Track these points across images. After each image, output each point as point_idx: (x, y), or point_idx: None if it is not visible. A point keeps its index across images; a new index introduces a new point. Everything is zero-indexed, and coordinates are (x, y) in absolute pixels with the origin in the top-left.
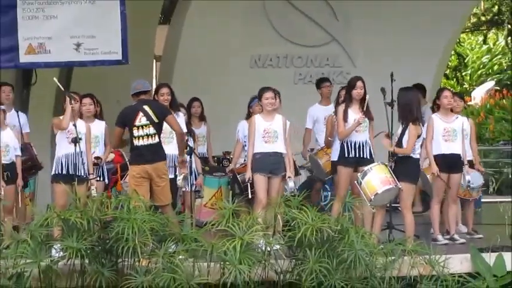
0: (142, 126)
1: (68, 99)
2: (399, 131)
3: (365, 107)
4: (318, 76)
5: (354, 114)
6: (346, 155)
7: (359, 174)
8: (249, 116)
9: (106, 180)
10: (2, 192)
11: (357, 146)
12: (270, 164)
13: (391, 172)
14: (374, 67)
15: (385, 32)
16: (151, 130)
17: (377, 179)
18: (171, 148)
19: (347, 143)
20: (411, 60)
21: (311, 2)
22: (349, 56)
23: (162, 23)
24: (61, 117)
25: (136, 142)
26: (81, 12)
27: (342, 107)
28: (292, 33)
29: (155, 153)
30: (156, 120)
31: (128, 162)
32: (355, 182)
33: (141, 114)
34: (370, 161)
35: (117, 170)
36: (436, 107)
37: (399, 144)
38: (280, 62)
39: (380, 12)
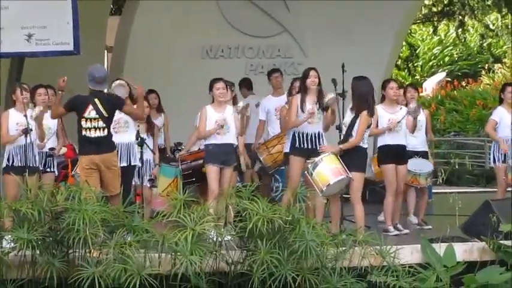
0: (91, 119)
1: (18, 90)
2: (347, 119)
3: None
4: (270, 67)
5: (309, 104)
6: (298, 146)
7: (309, 165)
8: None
9: (56, 172)
10: None
11: (309, 137)
12: (221, 154)
13: (342, 162)
14: (325, 58)
15: (336, 22)
16: (100, 123)
17: (328, 169)
18: (125, 137)
19: (299, 134)
20: (362, 51)
21: None
22: (301, 47)
23: (114, 14)
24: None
25: (84, 132)
26: (32, 3)
27: (297, 98)
28: (243, 24)
29: (103, 145)
30: (105, 115)
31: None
32: (306, 172)
33: (90, 107)
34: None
35: (67, 164)
36: (381, 98)
37: (348, 134)
38: (232, 52)
39: (331, 3)
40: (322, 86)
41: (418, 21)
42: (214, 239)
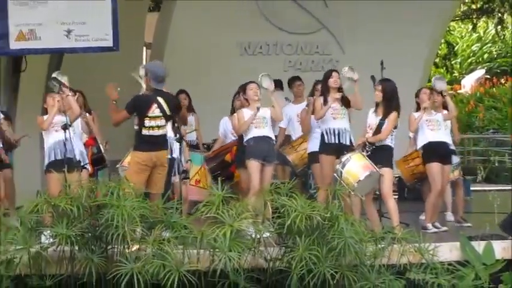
0: (154, 117)
1: (49, 98)
2: (371, 120)
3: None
4: (308, 64)
5: (331, 101)
6: (327, 141)
7: (338, 165)
8: (232, 111)
9: (89, 168)
10: None
11: (336, 132)
12: (262, 150)
13: (369, 159)
14: (363, 55)
15: (375, 19)
16: (162, 122)
17: (357, 166)
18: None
19: (326, 131)
20: (401, 47)
21: None
22: (339, 44)
23: (153, 11)
24: (44, 117)
25: (145, 131)
26: None
27: (319, 98)
28: (282, 21)
29: (162, 142)
30: (168, 113)
31: (103, 153)
32: (335, 174)
33: (155, 105)
34: (350, 147)
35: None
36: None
37: (377, 133)
38: (270, 49)
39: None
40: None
41: (457, 18)
42: (253, 235)
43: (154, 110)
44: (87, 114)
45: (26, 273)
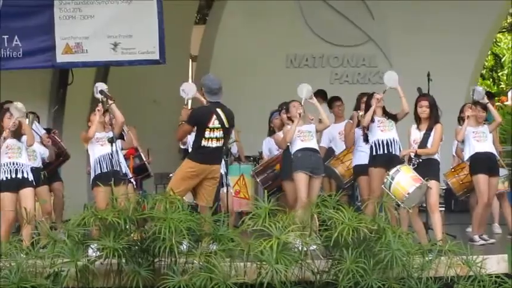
0: (214, 129)
1: (97, 110)
2: (415, 136)
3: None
4: (355, 76)
5: (377, 116)
6: (375, 153)
7: (387, 177)
8: (270, 131)
9: (133, 182)
10: None
11: (385, 143)
12: (311, 162)
13: (415, 172)
14: (410, 66)
15: (421, 31)
16: (221, 134)
17: (407, 178)
18: None
19: (375, 142)
20: (448, 59)
21: (347, 2)
22: (385, 56)
23: (198, 23)
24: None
25: (204, 142)
26: (118, 11)
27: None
28: (328, 33)
29: (217, 155)
30: (226, 125)
31: (145, 162)
32: (383, 186)
33: (214, 117)
34: (400, 159)
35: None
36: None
37: (423, 146)
38: (316, 62)
39: (416, 11)
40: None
41: (503, 30)
42: (300, 248)
43: (214, 122)
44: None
45: (73, 287)
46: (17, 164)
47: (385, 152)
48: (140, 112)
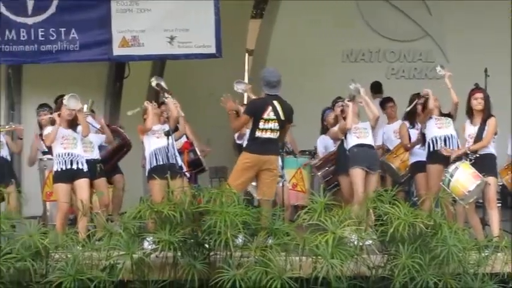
0: (268, 120)
1: (147, 105)
2: (469, 131)
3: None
4: (411, 71)
5: (435, 116)
6: (433, 149)
7: (446, 174)
8: (323, 129)
9: (187, 175)
10: None
11: (442, 139)
12: (367, 157)
13: (474, 169)
14: (467, 62)
15: (479, 26)
16: (276, 125)
17: (466, 175)
18: None
19: (433, 139)
20: (505, 55)
21: None
22: (442, 51)
23: (255, 17)
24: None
25: (258, 133)
26: (174, 5)
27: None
28: (385, 28)
29: (272, 146)
30: (282, 117)
31: (199, 156)
32: (441, 183)
33: (270, 108)
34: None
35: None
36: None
37: (478, 140)
38: (373, 56)
39: (474, 6)
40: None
41: None
42: (355, 242)
43: (269, 113)
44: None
45: (128, 279)
46: (71, 155)
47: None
48: (196, 105)
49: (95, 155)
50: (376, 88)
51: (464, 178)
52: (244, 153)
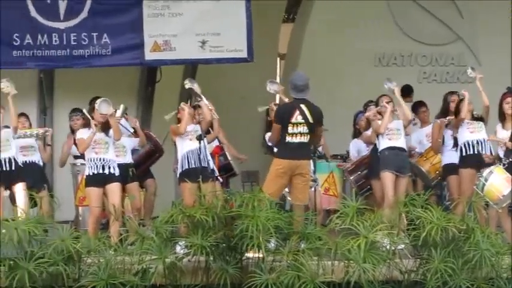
0: (297, 124)
1: (182, 105)
2: (502, 135)
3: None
4: (443, 75)
5: (467, 120)
6: (465, 153)
7: (480, 178)
8: (356, 133)
9: (220, 179)
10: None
11: (474, 143)
12: (397, 161)
13: (508, 173)
14: (499, 66)
15: (510, 30)
16: (305, 129)
17: (501, 179)
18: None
19: (465, 144)
20: None
21: (436, 1)
22: (474, 55)
23: (287, 21)
24: (178, 125)
25: (288, 138)
26: (206, 9)
27: (440, 121)
28: (416, 32)
29: (303, 151)
30: (311, 121)
31: (229, 161)
32: (475, 187)
33: (297, 112)
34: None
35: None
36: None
37: None
38: (405, 60)
39: (505, 8)
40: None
41: None
42: (388, 247)
43: (297, 117)
44: None
45: (161, 283)
46: (103, 160)
47: (475, 152)
48: (228, 109)
49: (128, 159)
50: (407, 91)
51: (498, 182)
52: (276, 160)
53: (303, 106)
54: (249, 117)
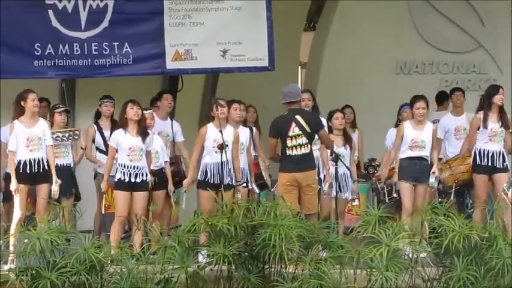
0: (295, 136)
1: (214, 106)
2: None
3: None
4: (465, 83)
5: (492, 123)
6: (479, 163)
7: (505, 184)
8: (398, 123)
9: (250, 185)
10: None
11: (489, 155)
12: (415, 171)
13: None
14: None
15: None
16: (304, 140)
17: None
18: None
19: (479, 152)
20: None
21: (457, 8)
22: (496, 63)
23: (308, 30)
24: (207, 125)
25: (289, 152)
26: (227, 18)
27: (479, 115)
28: (438, 40)
29: (306, 162)
30: (308, 131)
31: (262, 172)
32: (501, 193)
33: (294, 124)
34: (504, 169)
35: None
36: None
37: None
38: (426, 68)
39: None
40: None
41: None
42: (410, 255)
43: (294, 129)
44: None
45: None
46: (136, 168)
47: (488, 164)
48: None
49: (159, 164)
50: (441, 98)
51: None
52: (281, 174)
53: (298, 117)
54: None
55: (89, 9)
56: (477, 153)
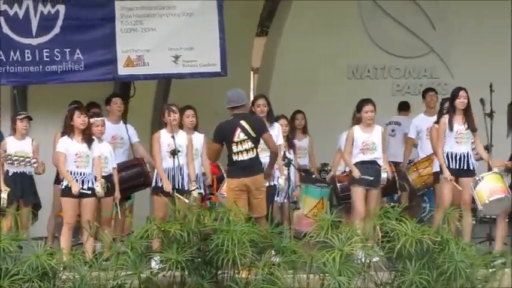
0: (240, 142)
1: (166, 112)
2: None
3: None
4: (416, 88)
5: (457, 125)
6: (447, 166)
7: (471, 183)
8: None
9: (202, 191)
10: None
11: (457, 157)
12: (367, 176)
13: (505, 182)
14: (472, 78)
15: (484, 42)
16: (250, 144)
17: (488, 188)
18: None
19: (447, 155)
20: (509, 70)
21: (409, 13)
22: (447, 67)
23: (260, 35)
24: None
25: (235, 157)
26: (179, 24)
27: (445, 118)
28: (389, 44)
29: (253, 166)
30: (253, 135)
31: (224, 174)
32: (471, 183)
33: (238, 130)
34: (471, 172)
35: (213, 181)
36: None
37: None
38: (378, 73)
39: (480, 22)
40: (471, 106)
41: None
42: (363, 259)
43: (239, 135)
44: None
45: None
46: (83, 175)
47: (456, 167)
48: (202, 124)
49: (108, 170)
50: (403, 106)
51: (483, 190)
52: (229, 180)
53: (243, 122)
54: None
55: (40, 16)
56: (444, 156)
